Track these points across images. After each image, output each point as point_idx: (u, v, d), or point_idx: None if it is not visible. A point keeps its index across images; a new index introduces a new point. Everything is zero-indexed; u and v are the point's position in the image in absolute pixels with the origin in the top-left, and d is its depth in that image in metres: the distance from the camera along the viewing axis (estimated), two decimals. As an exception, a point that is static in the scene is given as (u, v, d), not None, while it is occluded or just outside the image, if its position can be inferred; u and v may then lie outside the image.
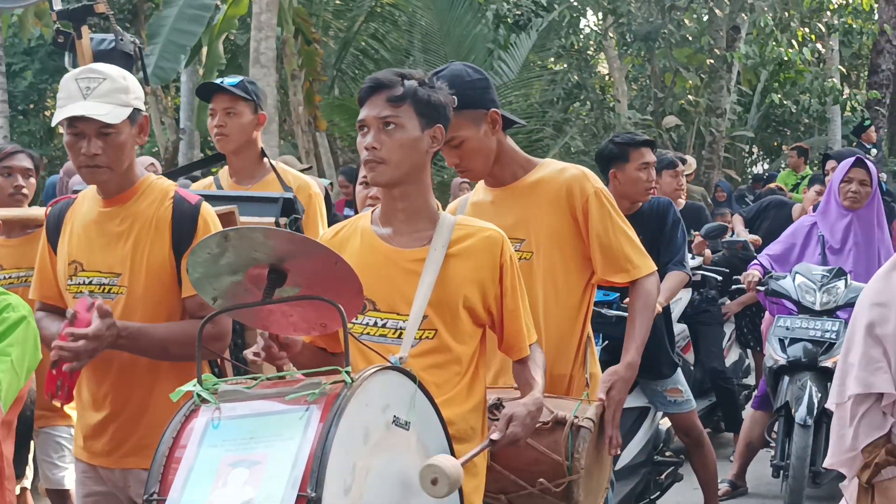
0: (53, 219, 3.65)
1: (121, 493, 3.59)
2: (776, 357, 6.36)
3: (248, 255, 2.67)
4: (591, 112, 20.57)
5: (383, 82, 3.04)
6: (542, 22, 19.20)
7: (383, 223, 3.16)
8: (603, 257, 3.70)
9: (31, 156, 5.23)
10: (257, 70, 12.66)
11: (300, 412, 2.44)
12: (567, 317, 3.72)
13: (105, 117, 3.35)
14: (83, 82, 3.40)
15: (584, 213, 3.67)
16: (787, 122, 24.92)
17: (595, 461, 3.43)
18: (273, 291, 2.70)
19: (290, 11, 15.30)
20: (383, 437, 2.55)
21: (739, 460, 7.04)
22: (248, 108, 4.92)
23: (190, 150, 18.49)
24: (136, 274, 3.46)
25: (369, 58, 19.59)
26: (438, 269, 3.05)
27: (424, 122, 3.05)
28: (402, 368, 2.78)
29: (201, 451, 2.45)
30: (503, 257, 3.11)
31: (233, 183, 5.01)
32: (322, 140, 16.78)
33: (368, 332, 3.09)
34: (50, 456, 4.92)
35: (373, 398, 2.54)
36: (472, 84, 3.59)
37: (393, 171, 3.02)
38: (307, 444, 2.36)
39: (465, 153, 3.63)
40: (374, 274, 3.05)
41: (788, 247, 6.84)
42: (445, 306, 3.07)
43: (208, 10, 15.50)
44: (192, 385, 2.61)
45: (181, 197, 3.53)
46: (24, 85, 25.60)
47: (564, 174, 3.73)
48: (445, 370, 3.07)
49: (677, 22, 18.37)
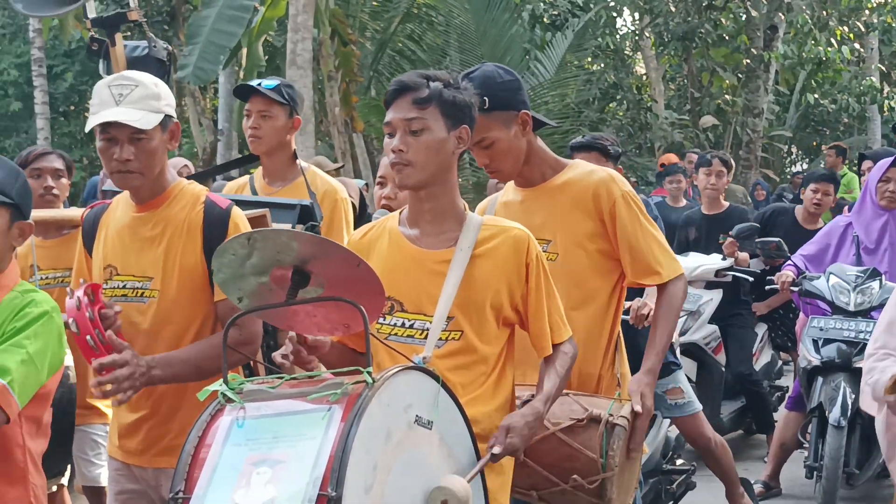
0: (89, 224, 3.71)
1: (153, 491, 3.64)
2: (810, 358, 6.33)
3: (273, 256, 2.70)
4: (628, 112, 20.51)
5: (409, 85, 3.06)
6: (579, 22, 19.17)
7: (410, 224, 3.18)
8: (632, 260, 3.70)
9: (62, 156, 5.27)
10: (294, 71, 12.72)
11: (322, 412, 2.46)
12: (594, 317, 3.72)
13: (137, 123, 3.39)
14: (116, 89, 3.45)
15: (612, 216, 3.67)
16: (826, 121, 24.76)
17: (626, 460, 3.44)
18: (296, 292, 2.73)
19: (327, 13, 15.37)
20: (405, 437, 2.56)
21: (773, 461, 7.01)
22: (283, 111, 4.96)
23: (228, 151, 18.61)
24: (169, 277, 3.51)
25: (406, 58, 19.63)
26: (464, 270, 3.07)
27: (450, 123, 3.06)
28: (425, 368, 2.80)
29: (225, 449, 2.48)
30: (529, 256, 3.12)
31: (265, 184, 5.07)
32: (358, 140, 16.86)
33: (396, 333, 3.11)
34: (86, 453, 4.98)
35: (395, 398, 2.55)
36: (503, 85, 3.60)
37: (420, 173, 3.04)
38: (328, 444, 2.38)
39: (495, 154, 3.65)
40: (401, 275, 3.08)
41: (823, 247, 6.80)
42: (471, 307, 3.08)
43: (247, 11, 15.59)
44: (217, 385, 2.64)
45: (212, 201, 3.58)
46: (65, 87, 25.89)
47: (592, 177, 3.73)
48: (471, 370, 3.09)
49: (714, 21, 18.29)
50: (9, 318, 3.06)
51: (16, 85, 25.57)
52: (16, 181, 3.15)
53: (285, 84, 5.05)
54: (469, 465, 2.82)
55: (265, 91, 4.91)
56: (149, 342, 3.50)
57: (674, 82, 23.62)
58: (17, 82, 25.50)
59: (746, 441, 8.40)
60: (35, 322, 3.06)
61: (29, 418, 3.09)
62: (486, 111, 3.47)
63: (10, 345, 3.01)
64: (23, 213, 3.17)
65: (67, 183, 5.22)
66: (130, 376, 3.29)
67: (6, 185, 3.12)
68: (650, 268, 3.71)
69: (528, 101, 3.72)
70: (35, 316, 3.07)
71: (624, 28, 22.34)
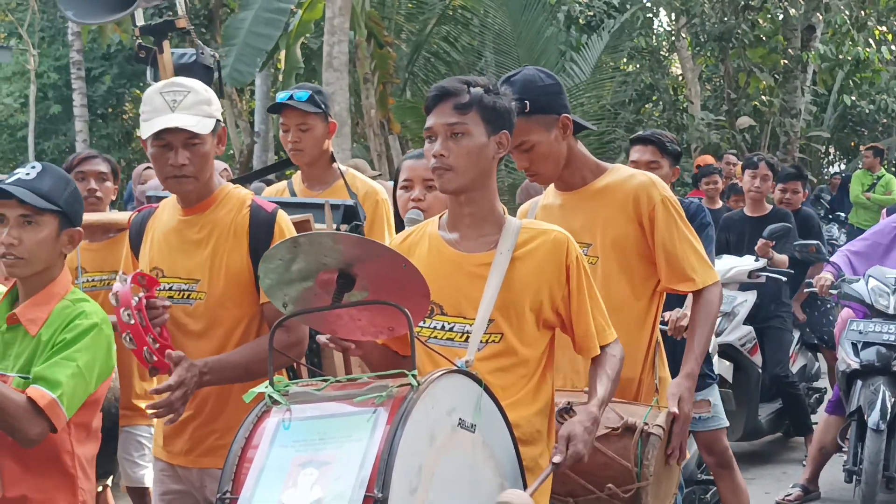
0: (136, 226, 3.78)
1: (197, 492, 3.68)
2: (849, 361, 6.31)
3: (318, 260, 2.74)
4: (664, 113, 20.43)
5: (449, 90, 3.10)
6: (615, 23, 19.10)
7: (450, 228, 3.21)
8: (667, 266, 3.71)
9: (107, 160, 5.30)
10: (330, 74, 12.76)
11: (368, 414, 2.50)
12: (634, 322, 3.72)
13: (195, 128, 3.46)
14: (169, 95, 3.51)
15: (651, 220, 3.69)
16: (864, 121, 24.56)
17: (663, 468, 3.44)
18: (342, 296, 2.77)
19: (363, 15, 15.41)
20: (449, 439, 2.60)
21: (812, 465, 6.98)
22: (319, 120, 4.99)
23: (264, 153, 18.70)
24: (215, 280, 3.56)
25: (441, 60, 19.65)
26: (504, 273, 3.09)
27: (490, 128, 3.09)
28: (469, 372, 2.83)
29: (272, 451, 2.53)
30: (569, 258, 3.14)
31: (304, 188, 5.10)
32: (394, 142, 16.89)
33: (436, 336, 3.14)
34: (131, 454, 5.03)
35: (439, 401, 2.59)
36: (544, 89, 3.63)
37: (460, 178, 3.07)
38: (374, 446, 2.42)
39: (535, 157, 3.66)
40: (441, 278, 3.10)
41: (873, 244, 6.75)
42: (512, 310, 3.10)
43: (284, 14, 15.67)
44: (263, 387, 2.68)
45: (258, 205, 3.63)
46: (103, 89, 26.07)
47: (632, 181, 3.74)
48: (511, 373, 3.11)
49: (751, 22, 18.16)
50: (59, 329, 3.12)
51: (55, 88, 25.78)
52: (65, 189, 3.20)
53: (316, 91, 5.07)
54: (511, 468, 2.85)
55: (299, 105, 4.95)
56: (196, 344, 3.55)
57: (710, 83, 23.49)
58: (56, 85, 25.71)
59: (785, 444, 8.37)
60: (85, 335, 3.11)
61: (78, 425, 3.16)
62: (526, 114, 3.50)
63: (62, 358, 3.06)
64: (72, 220, 3.22)
65: (113, 186, 5.25)
66: (183, 395, 3.38)
67: (54, 193, 3.16)
68: (685, 274, 3.72)
69: (568, 104, 3.74)
70: (85, 328, 3.12)
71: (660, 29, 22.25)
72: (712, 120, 18.40)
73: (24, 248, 3.13)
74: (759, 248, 7.39)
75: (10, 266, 3.14)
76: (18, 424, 2.98)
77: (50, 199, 3.14)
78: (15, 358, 3.13)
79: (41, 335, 3.12)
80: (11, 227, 3.13)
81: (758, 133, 19.67)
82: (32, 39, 21.75)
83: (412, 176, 3.98)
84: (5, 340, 3.18)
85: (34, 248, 3.14)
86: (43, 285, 3.19)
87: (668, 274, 3.72)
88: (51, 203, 3.14)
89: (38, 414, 2.99)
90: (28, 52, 21.55)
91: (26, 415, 2.98)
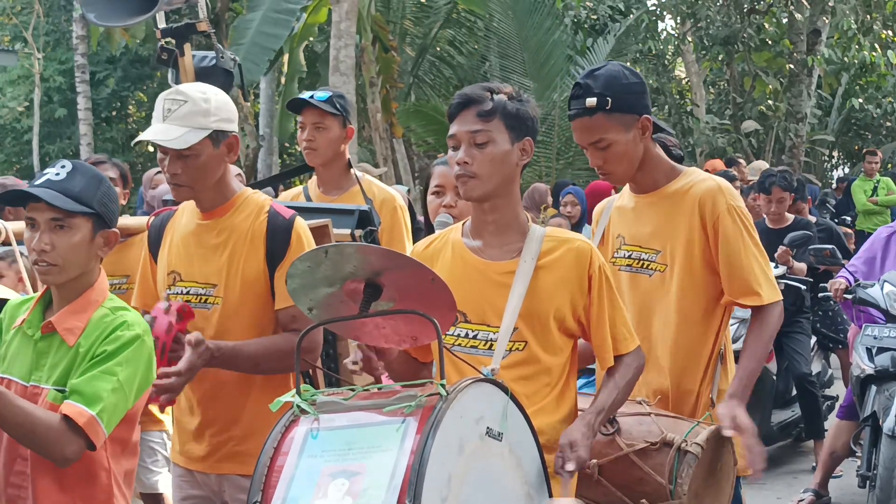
0: (155, 230, 3.78)
1: (216, 497, 3.68)
2: (863, 366, 6.28)
3: (345, 269, 2.73)
4: (670, 117, 20.43)
5: (473, 98, 3.09)
6: (620, 27, 19.12)
7: (474, 236, 3.19)
8: (729, 276, 3.57)
9: (115, 165, 5.31)
10: (337, 78, 12.76)
11: (397, 424, 2.50)
12: (697, 332, 3.62)
13: (172, 143, 3.46)
14: (167, 103, 3.52)
15: (715, 228, 3.56)
16: (868, 125, 24.57)
17: (708, 486, 3.36)
18: (369, 305, 2.76)
19: (369, 19, 15.42)
20: (477, 448, 2.59)
21: (823, 469, 6.97)
22: (336, 122, 4.98)
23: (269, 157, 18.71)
24: (232, 285, 3.56)
25: (446, 64, 19.65)
26: (528, 282, 3.08)
27: (514, 135, 3.08)
28: (495, 380, 2.82)
29: (301, 460, 2.52)
30: (592, 268, 3.12)
31: (320, 193, 5.09)
32: (399, 146, 16.89)
33: (460, 344, 3.12)
34: (144, 461, 5.01)
35: (467, 410, 2.58)
36: (627, 87, 3.52)
37: (484, 186, 3.06)
38: (404, 456, 2.42)
39: (610, 156, 3.56)
40: (464, 286, 3.08)
41: (870, 257, 6.74)
42: (535, 318, 3.09)
43: (292, 15, 15.68)
44: (290, 395, 2.67)
45: (276, 211, 3.62)
46: (107, 93, 26.10)
47: (701, 186, 3.60)
48: (535, 381, 3.09)
49: (757, 26, 18.16)
50: (100, 339, 2.95)
51: (59, 91, 25.81)
52: (97, 189, 3.02)
53: (337, 95, 5.08)
54: (537, 476, 2.84)
55: (318, 103, 4.95)
56: None
57: (715, 87, 23.53)
58: (60, 88, 25.74)
59: (795, 449, 8.36)
60: (127, 347, 2.95)
61: (115, 440, 3.00)
62: (607, 111, 3.44)
63: (102, 371, 2.91)
64: (106, 221, 3.04)
65: (122, 191, 5.24)
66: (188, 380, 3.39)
67: (87, 194, 2.99)
68: (749, 287, 3.57)
69: (650, 105, 3.64)
70: (127, 340, 2.96)
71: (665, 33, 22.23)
72: (717, 124, 18.41)
73: (58, 254, 2.95)
74: (780, 256, 7.39)
75: (44, 273, 2.98)
76: (51, 446, 2.84)
77: (82, 200, 2.97)
78: (50, 369, 2.97)
79: (79, 345, 2.95)
80: (43, 231, 2.96)
81: (763, 137, 19.66)
82: (37, 43, 21.78)
83: (444, 182, 3.93)
84: (39, 350, 3.00)
85: (68, 253, 2.96)
86: (80, 292, 3.01)
87: (729, 286, 3.57)
88: (83, 205, 2.97)
89: (74, 432, 2.84)
90: (33, 55, 21.56)
91: (60, 435, 2.83)
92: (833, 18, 17.98)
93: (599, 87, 3.32)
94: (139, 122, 27.66)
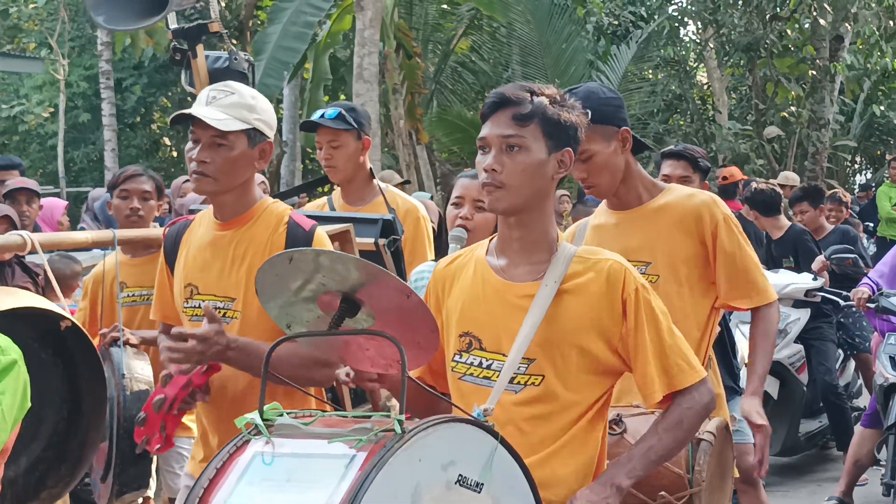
0: (171, 240, 3.65)
1: None
2: (886, 375, 6.29)
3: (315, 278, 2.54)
4: (692, 123, 20.41)
5: (509, 98, 2.76)
6: (642, 33, 19.13)
7: (498, 253, 2.87)
8: (728, 282, 3.74)
9: (152, 178, 5.23)
10: (360, 85, 12.82)
11: (346, 458, 2.22)
12: (690, 340, 3.68)
13: (214, 122, 3.35)
14: (213, 92, 3.46)
15: (713, 238, 3.71)
16: (891, 131, 24.49)
17: (718, 477, 3.44)
18: (341, 321, 2.54)
19: (392, 26, 15.49)
20: (442, 497, 2.26)
21: (847, 477, 6.96)
22: (350, 137, 4.99)
23: (292, 163, 18.82)
24: (251, 299, 3.37)
25: (468, 69, 19.69)
26: (546, 307, 2.73)
27: (552, 144, 2.76)
28: (482, 423, 2.46)
29: (238, 487, 2.30)
30: (626, 291, 2.76)
31: (344, 204, 5.12)
32: (421, 152, 16.94)
33: (472, 373, 2.81)
34: (172, 466, 5.06)
35: (430, 452, 2.26)
36: (606, 101, 3.64)
37: (512, 198, 2.75)
38: (338, 495, 2.14)
39: (592, 168, 3.63)
40: (481, 309, 2.82)
41: (893, 267, 6.75)
42: (555, 348, 2.74)
43: (311, 28, 15.78)
44: (253, 415, 2.44)
45: (295, 222, 3.50)
46: (133, 99, 26.21)
47: (693, 199, 3.75)
48: (551, 422, 2.76)
49: (779, 32, 18.12)
50: None
51: (84, 97, 25.93)
52: None
53: (347, 108, 5.05)
54: None
55: (327, 123, 4.95)
56: None
57: (737, 93, 23.45)
58: (85, 94, 25.87)
59: (819, 457, 8.35)
60: (6, 374, 2.60)
61: None
62: None
63: None
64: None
65: (157, 204, 5.25)
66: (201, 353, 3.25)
67: None
68: (745, 291, 3.77)
69: (628, 120, 3.76)
70: (5, 366, 2.61)
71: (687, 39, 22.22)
72: (739, 130, 18.37)
73: None
74: (817, 267, 7.42)
75: None
76: None
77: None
78: None
79: None
80: None
81: (786, 143, 19.61)
82: (62, 49, 21.90)
83: (464, 194, 3.93)
84: None
85: None
86: None
87: (727, 290, 3.75)
88: None
89: None
90: (58, 61, 21.71)
91: None
92: (855, 25, 17.94)
93: (578, 101, 3.36)
94: (164, 128, 27.77)
